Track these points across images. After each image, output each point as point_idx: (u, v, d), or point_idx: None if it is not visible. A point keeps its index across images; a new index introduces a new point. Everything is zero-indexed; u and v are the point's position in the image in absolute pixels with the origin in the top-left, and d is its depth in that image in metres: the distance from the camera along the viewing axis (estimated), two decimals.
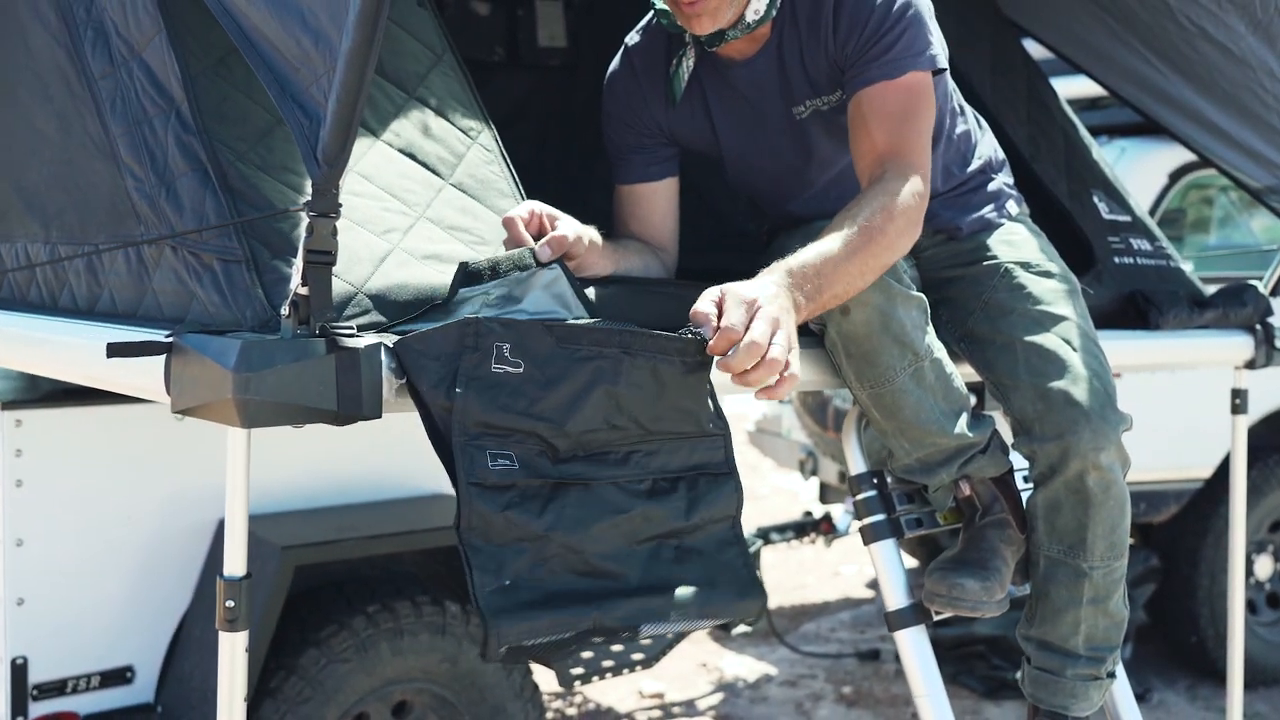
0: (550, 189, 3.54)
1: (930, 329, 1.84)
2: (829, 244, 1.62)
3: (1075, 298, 2.00)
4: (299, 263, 1.31)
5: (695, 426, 1.54)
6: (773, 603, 5.60)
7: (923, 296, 1.83)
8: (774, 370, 1.44)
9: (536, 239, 1.62)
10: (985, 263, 2.01)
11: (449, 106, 1.80)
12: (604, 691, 4.59)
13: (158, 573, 2.71)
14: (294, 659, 2.66)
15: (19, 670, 2.57)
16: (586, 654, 3.54)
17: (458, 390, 1.37)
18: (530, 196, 1.79)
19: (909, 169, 1.73)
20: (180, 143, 1.59)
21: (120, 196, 1.72)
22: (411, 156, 1.72)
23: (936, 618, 1.91)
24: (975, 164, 2.09)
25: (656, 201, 2.00)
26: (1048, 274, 2.00)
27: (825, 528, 5.25)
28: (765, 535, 5.04)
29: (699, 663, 4.94)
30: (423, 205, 1.64)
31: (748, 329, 1.44)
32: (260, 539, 2.67)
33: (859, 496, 1.93)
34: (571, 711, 4.42)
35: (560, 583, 1.41)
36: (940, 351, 1.86)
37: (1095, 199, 2.71)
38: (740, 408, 8.83)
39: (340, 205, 1.30)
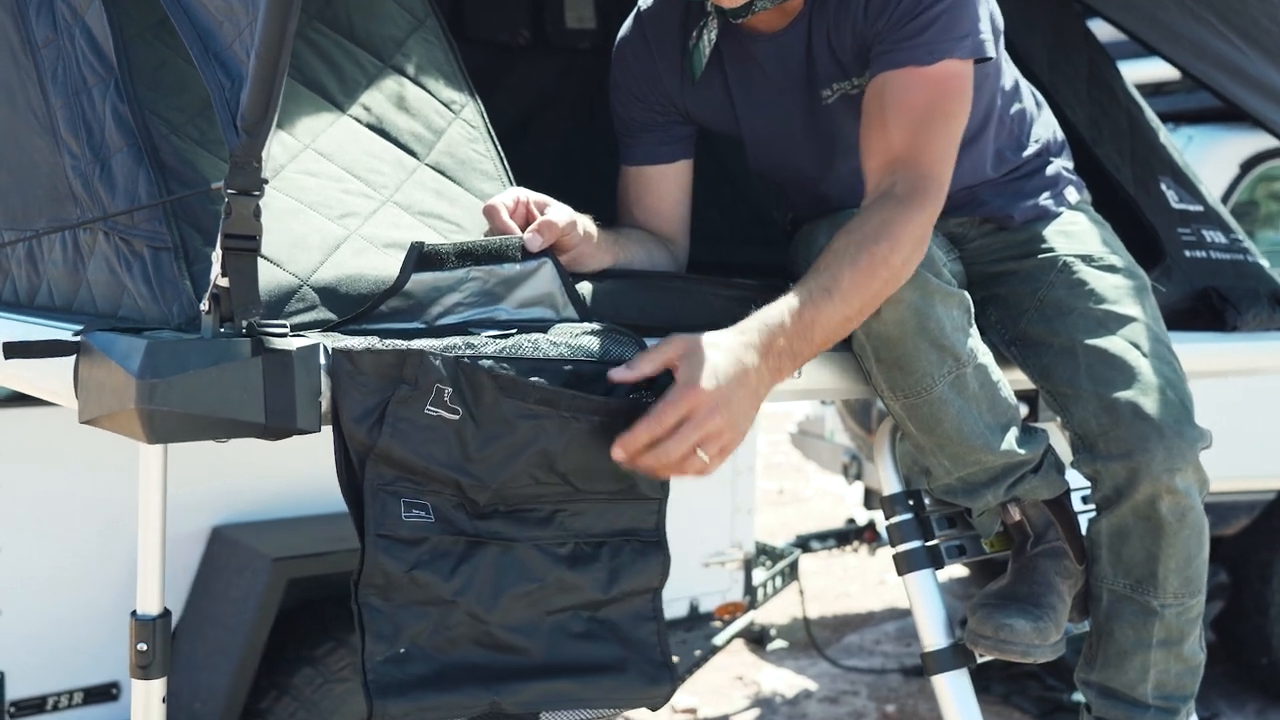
0: (578, 178, 3.34)
1: (974, 330, 1.61)
2: (823, 284, 1.40)
3: (1144, 295, 1.76)
4: (218, 249, 1.11)
5: (628, 486, 1.37)
6: (813, 613, 5.36)
7: (965, 294, 1.60)
8: (675, 472, 1.30)
9: (524, 230, 1.42)
10: (1041, 256, 1.77)
11: (429, 76, 1.60)
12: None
13: None
14: (287, 678, 2.50)
15: None
16: None
17: (384, 430, 1.20)
18: (557, 185, 1.58)
19: (924, 183, 1.50)
20: (116, 115, 1.41)
21: (59, 176, 1.54)
22: (382, 133, 1.52)
23: (980, 660, 1.67)
24: (1032, 147, 1.86)
25: (666, 186, 1.78)
26: (1112, 268, 1.76)
27: (869, 535, 5.01)
28: (805, 543, 4.81)
29: (735, 676, 4.73)
30: (391, 187, 1.44)
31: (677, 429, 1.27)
32: (250, 549, 2.51)
33: (892, 520, 1.70)
34: None
35: (460, 655, 1.25)
36: (985, 356, 1.62)
37: (1163, 186, 2.46)
38: (782, 406, 8.58)
39: (265, 180, 1.10)
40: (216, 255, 1.12)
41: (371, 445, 1.19)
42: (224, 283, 1.12)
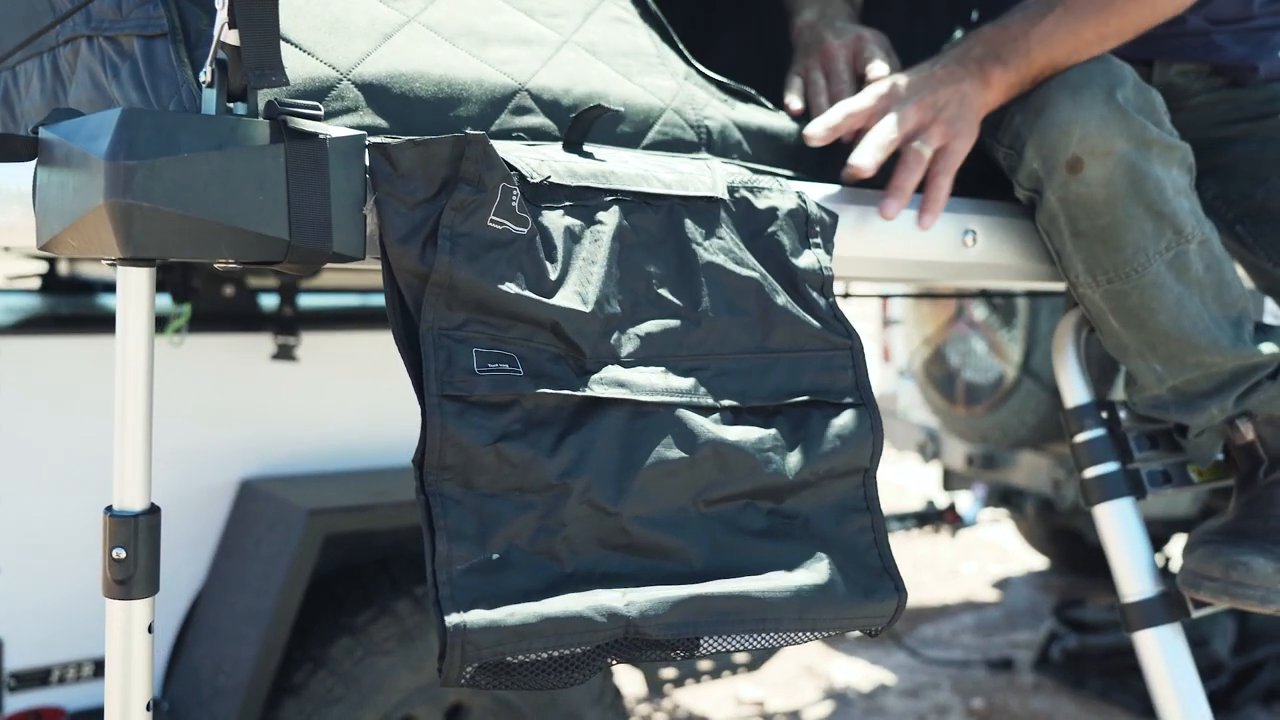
0: None
1: (1196, 197, 1.27)
2: None
3: None
4: None
5: (804, 330, 1.03)
6: None
7: (1188, 148, 1.26)
8: (914, 169, 1.17)
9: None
10: None
11: None
12: (697, 697, 4.04)
13: (166, 541, 2.23)
14: (324, 649, 2.18)
15: None
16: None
17: (439, 249, 0.87)
18: None
19: None
20: None
21: None
22: None
23: (1197, 614, 1.32)
24: None
25: None
26: None
27: (950, 517, 4.65)
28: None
29: (804, 667, 4.38)
30: None
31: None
32: (282, 502, 2.20)
33: (1080, 438, 1.35)
34: (660, 718, 3.88)
35: (581, 562, 0.90)
36: (1211, 231, 1.28)
37: None
38: None
39: None
40: (223, 1, 0.79)
41: (426, 273, 0.86)
42: (232, 38, 0.79)
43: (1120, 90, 1.21)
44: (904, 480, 7.50)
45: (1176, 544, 4.40)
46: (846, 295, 2.64)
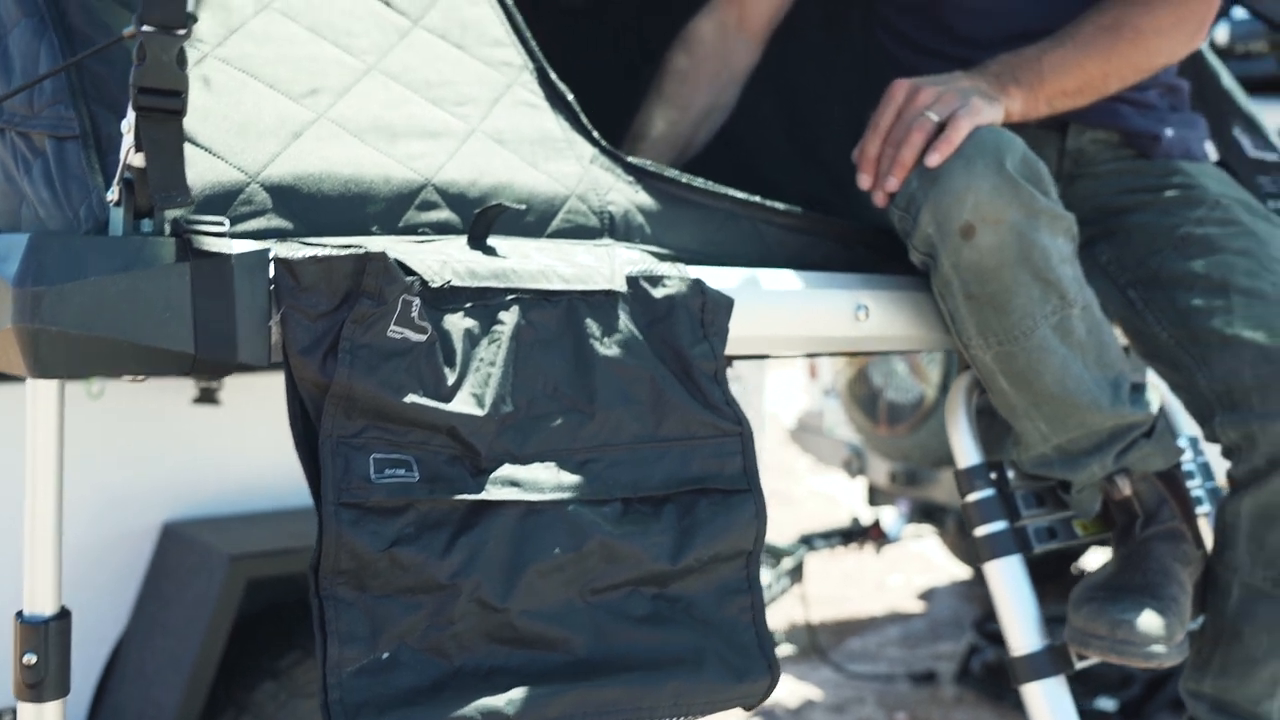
0: None
1: (1079, 265, 1.34)
2: (1061, 36, 1.39)
3: None
4: (130, 115, 0.81)
5: (695, 418, 1.07)
6: (814, 617, 5.08)
7: (1072, 218, 1.33)
8: (915, 141, 1.31)
9: None
10: (1186, 191, 1.53)
11: None
12: None
13: (88, 586, 2.23)
14: (247, 693, 2.19)
15: None
16: None
17: (340, 361, 0.91)
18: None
19: None
20: None
21: None
22: None
23: (1080, 665, 1.39)
24: (1179, 82, 1.68)
25: None
26: (1271, 222, 1.53)
27: (875, 533, 4.73)
28: (809, 542, 4.52)
29: None
30: (376, 52, 1.14)
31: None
32: (205, 546, 2.21)
33: (971, 497, 1.42)
34: None
35: (469, 659, 0.94)
36: (1092, 297, 1.35)
37: (1235, 133, 2.19)
38: (775, 406, 8.31)
39: (192, 17, 0.80)
40: (128, 122, 0.82)
41: (326, 384, 0.90)
42: (138, 161, 0.82)
43: (1011, 160, 1.28)
44: (833, 490, 7.61)
45: (1095, 554, 4.55)
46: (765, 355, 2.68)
